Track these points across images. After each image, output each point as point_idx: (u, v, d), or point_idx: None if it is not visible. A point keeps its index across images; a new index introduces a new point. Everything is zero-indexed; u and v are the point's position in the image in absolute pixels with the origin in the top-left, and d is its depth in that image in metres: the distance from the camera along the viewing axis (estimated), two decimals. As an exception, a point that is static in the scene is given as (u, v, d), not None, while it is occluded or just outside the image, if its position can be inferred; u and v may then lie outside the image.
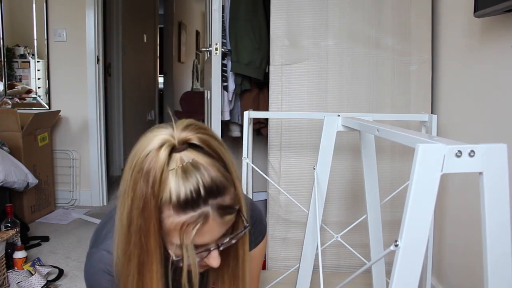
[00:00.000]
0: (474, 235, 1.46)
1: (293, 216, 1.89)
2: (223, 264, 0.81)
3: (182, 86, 6.96)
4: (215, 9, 1.97)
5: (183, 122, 0.72)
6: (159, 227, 0.68)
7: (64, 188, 3.15)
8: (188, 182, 0.66)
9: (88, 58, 3.03)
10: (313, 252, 1.49)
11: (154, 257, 0.70)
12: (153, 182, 0.66)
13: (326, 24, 1.84)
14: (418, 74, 1.84)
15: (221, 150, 0.72)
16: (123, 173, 0.72)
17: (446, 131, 1.70)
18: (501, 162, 0.67)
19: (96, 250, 0.83)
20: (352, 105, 1.86)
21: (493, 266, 0.68)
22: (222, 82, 2.10)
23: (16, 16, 3.08)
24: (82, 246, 2.36)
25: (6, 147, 2.52)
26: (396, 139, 0.88)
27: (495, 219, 0.67)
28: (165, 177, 0.66)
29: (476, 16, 1.31)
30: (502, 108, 1.30)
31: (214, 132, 0.75)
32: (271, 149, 1.89)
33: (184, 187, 0.66)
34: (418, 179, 0.65)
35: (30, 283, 1.81)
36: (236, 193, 0.72)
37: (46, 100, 3.11)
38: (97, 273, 0.81)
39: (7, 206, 2.09)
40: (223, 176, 0.69)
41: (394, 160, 1.87)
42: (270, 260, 1.92)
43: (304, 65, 1.85)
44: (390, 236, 1.81)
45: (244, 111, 1.66)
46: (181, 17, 6.72)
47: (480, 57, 1.44)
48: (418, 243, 0.66)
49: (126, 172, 0.70)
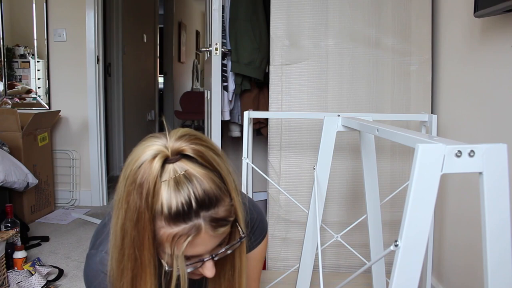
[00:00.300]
0: (474, 235, 1.46)
1: (293, 216, 1.89)
2: (220, 273, 0.80)
3: (182, 86, 6.96)
4: (215, 9, 1.98)
5: (177, 131, 0.71)
6: (153, 239, 0.68)
7: (64, 188, 3.15)
8: (179, 194, 0.65)
9: (88, 58, 3.03)
10: (313, 252, 1.49)
11: (148, 270, 0.69)
12: (147, 195, 0.65)
13: (326, 24, 1.84)
14: (418, 74, 1.84)
15: (216, 161, 0.70)
16: (118, 183, 0.71)
17: (446, 131, 1.70)
18: (501, 162, 0.67)
19: (96, 251, 0.83)
20: (352, 105, 1.86)
21: (493, 266, 0.68)
22: (222, 82, 2.10)
23: (16, 16, 3.08)
24: (82, 246, 2.36)
25: (6, 147, 2.52)
26: (396, 139, 0.88)
27: (495, 219, 0.67)
28: (158, 189, 0.66)
29: (476, 16, 1.31)
30: (502, 108, 1.30)
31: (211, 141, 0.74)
32: (271, 149, 1.89)
33: (176, 199, 0.65)
34: (418, 179, 0.65)
35: (30, 283, 1.81)
36: (232, 204, 0.71)
37: (46, 100, 3.11)
38: (96, 274, 0.81)
39: (7, 206, 2.09)
40: (217, 188, 0.68)
41: (394, 160, 1.87)
42: (270, 260, 1.92)
43: (304, 65, 1.85)
44: (390, 236, 1.81)
45: (244, 111, 1.66)
46: (181, 17, 6.72)
47: (480, 57, 1.44)
48: (418, 243, 0.66)
49: (120, 183, 0.69)
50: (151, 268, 0.69)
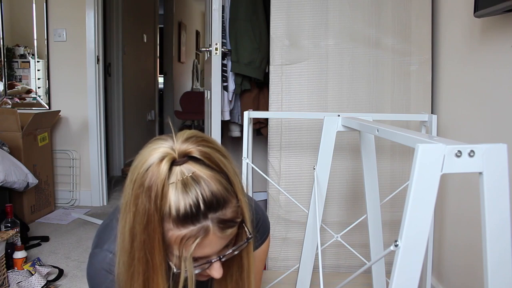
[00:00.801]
0: (474, 235, 1.46)
1: (293, 216, 1.89)
2: (227, 274, 0.80)
3: (182, 86, 6.96)
4: (215, 9, 1.98)
5: (184, 133, 0.71)
6: (163, 241, 0.68)
7: (64, 188, 3.15)
8: (187, 196, 0.65)
9: (88, 58, 3.03)
10: (313, 252, 1.50)
11: (159, 273, 0.69)
12: (155, 197, 0.65)
13: (326, 24, 1.84)
14: (418, 74, 1.84)
15: (223, 162, 0.70)
16: (124, 186, 0.71)
17: (446, 131, 1.70)
18: (501, 162, 0.67)
19: (99, 250, 0.82)
20: (352, 105, 1.86)
21: (493, 266, 0.68)
22: (222, 82, 2.10)
23: (16, 16, 3.08)
24: (82, 246, 2.36)
25: (6, 147, 2.52)
26: (396, 139, 0.88)
27: (495, 219, 0.67)
28: (166, 191, 0.66)
29: (476, 16, 1.31)
30: (502, 108, 1.30)
31: (217, 142, 0.74)
32: (271, 149, 1.89)
33: (184, 201, 0.65)
34: (418, 179, 0.65)
35: (30, 283, 1.81)
36: (239, 205, 0.71)
37: (46, 100, 3.11)
38: (100, 273, 0.81)
39: (7, 206, 2.09)
40: (224, 189, 0.68)
41: (394, 160, 1.87)
42: (270, 260, 1.92)
43: (304, 65, 1.85)
44: (390, 236, 1.81)
45: (244, 111, 1.66)
46: (181, 17, 6.72)
47: (480, 57, 1.44)
48: (418, 243, 0.66)
49: (127, 186, 0.69)
50: (162, 270, 0.69)
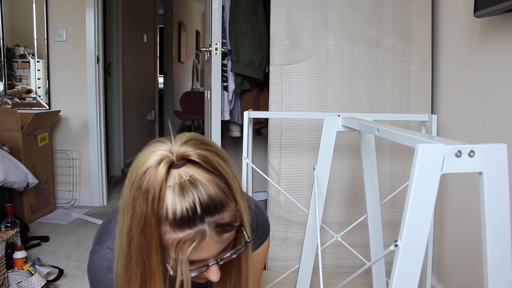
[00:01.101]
0: (474, 235, 1.46)
1: (293, 216, 1.89)
2: (226, 277, 0.80)
3: (182, 86, 6.96)
4: (215, 9, 1.98)
5: (183, 136, 0.71)
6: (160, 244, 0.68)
7: (64, 188, 3.15)
8: (184, 199, 0.65)
9: (88, 58, 3.03)
10: (313, 252, 1.49)
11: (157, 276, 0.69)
12: (153, 200, 0.65)
13: (326, 24, 1.84)
14: (418, 74, 1.84)
15: (222, 166, 0.70)
16: (123, 188, 0.71)
17: (446, 131, 1.70)
18: (501, 162, 0.67)
19: (100, 248, 0.83)
20: (352, 105, 1.86)
21: (493, 266, 0.68)
22: (222, 82, 2.10)
23: (16, 16, 3.08)
24: (82, 246, 2.36)
25: (6, 147, 2.52)
26: (396, 139, 0.88)
27: (495, 219, 0.67)
28: (163, 194, 0.66)
29: (476, 16, 1.31)
30: (502, 108, 1.30)
31: (217, 145, 0.73)
32: (271, 149, 1.89)
33: (181, 205, 0.65)
34: (418, 179, 0.65)
35: (30, 283, 1.81)
36: (237, 209, 0.71)
37: (46, 100, 3.11)
38: (100, 270, 0.81)
39: (7, 206, 2.09)
40: (222, 193, 0.68)
41: (394, 160, 1.87)
42: (270, 260, 1.92)
43: (304, 65, 1.85)
44: (390, 236, 1.81)
45: (244, 111, 1.66)
46: (181, 17, 6.72)
47: (480, 57, 1.44)
48: (418, 243, 0.66)
49: (126, 188, 0.69)
50: (159, 273, 0.69)
